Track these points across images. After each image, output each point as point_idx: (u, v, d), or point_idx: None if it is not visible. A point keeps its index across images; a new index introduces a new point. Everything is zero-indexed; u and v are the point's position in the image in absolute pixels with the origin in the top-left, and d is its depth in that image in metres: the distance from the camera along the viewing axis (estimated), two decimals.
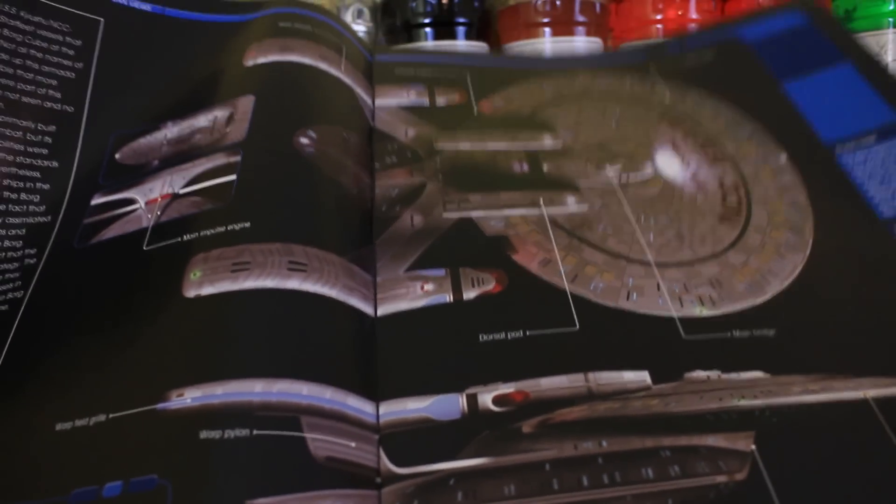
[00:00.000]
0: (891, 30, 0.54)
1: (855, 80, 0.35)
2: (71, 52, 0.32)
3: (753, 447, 0.21)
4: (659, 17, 0.56)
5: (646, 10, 0.57)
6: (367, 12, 0.53)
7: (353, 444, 0.21)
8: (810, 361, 0.24)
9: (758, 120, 0.35)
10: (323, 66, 0.34)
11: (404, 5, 0.52)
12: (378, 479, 0.21)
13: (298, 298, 0.24)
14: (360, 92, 0.36)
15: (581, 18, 0.52)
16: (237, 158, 0.29)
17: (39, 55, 0.31)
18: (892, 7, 0.54)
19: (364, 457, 0.21)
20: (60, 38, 0.32)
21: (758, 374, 0.24)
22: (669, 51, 0.41)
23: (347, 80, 0.35)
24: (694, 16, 0.56)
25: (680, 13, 0.56)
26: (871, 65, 0.35)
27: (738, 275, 0.27)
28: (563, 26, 0.52)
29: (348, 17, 0.53)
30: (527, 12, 0.53)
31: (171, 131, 0.32)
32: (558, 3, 0.52)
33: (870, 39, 0.54)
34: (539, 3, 0.52)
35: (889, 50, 0.54)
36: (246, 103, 0.32)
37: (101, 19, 0.33)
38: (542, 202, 0.30)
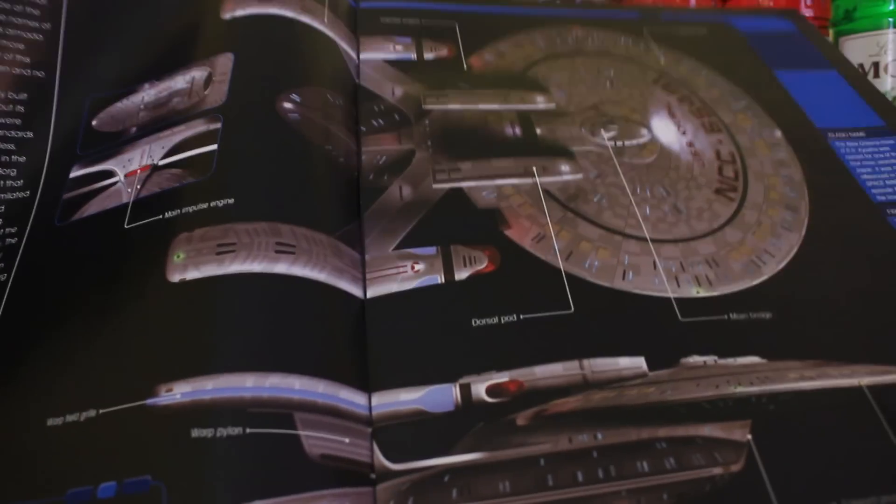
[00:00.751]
0: (891, 30, 0.53)
1: (843, 86, 0.37)
2: (36, 13, 0.30)
3: (749, 437, 0.21)
4: None
5: None
6: None
7: (346, 440, 0.21)
8: (806, 347, 0.24)
9: (751, 94, 0.36)
10: (305, 18, 0.33)
11: None
12: (372, 476, 0.21)
13: (287, 284, 0.24)
14: (345, 46, 0.34)
15: None
16: (217, 126, 0.28)
17: (2, 17, 0.29)
18: (892, 7, 0.53)
19: (358, 452, 0.21)
20: None
21: (754, 359, 0.23)
22: (663, 17, 0.41)
23: (331, 33, 0.34)
24: None
25: None
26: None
27: (735, 254, 0.27)
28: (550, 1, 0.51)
29: None
30: None
31: (147, 94, 0.31)
32: (558, 2, 0.50)
33: (870, 39, 0.53)
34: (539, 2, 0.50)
35: (889, 50, 0.53)
36: (225, 62, 0.30)
37: None
38: (535, 171, 0.29)
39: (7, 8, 0.29)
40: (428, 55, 0.35)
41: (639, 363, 0.23)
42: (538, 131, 0.31)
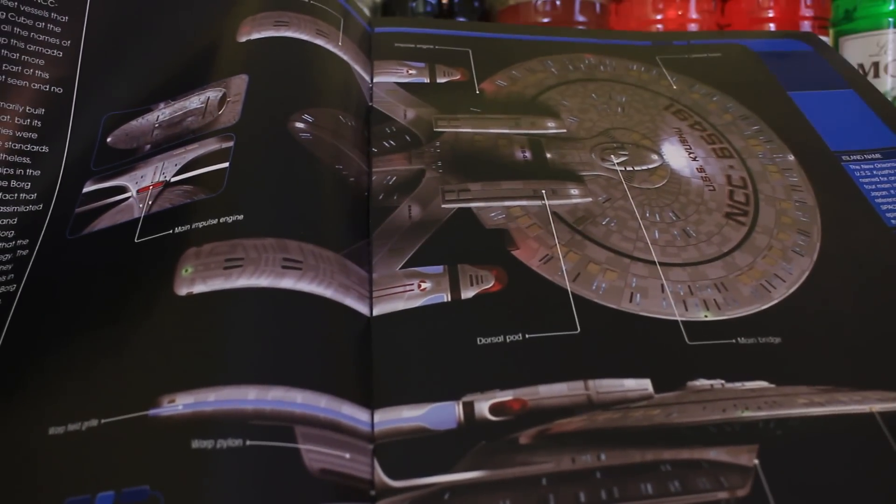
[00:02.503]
0: (891, 30, 0.54)
1: (859, 104, 0.36)
2: (57, 30, 0.31)
3: (756, 461, 0.21)
4: (659, 17, 0.56)
5: (646, 10, 0.56)
6: (367, 12, 0.52)
7: (347, 456, 0.21)
8: (816, 372, 0.23)
9: (765, 118, 0.35)
10: (319, 42, 0.33)
11: (404, 5, 0.52)
12: (372, 492, 0.21)
13: (293, 299, 0.24)
14: (358, 69, 0.34)
15: (581, 18, 0.52)
16: (230, 144, 0.28)
17: (24, 33, 0.30)
18: (892, 7, 0.54)
19: (359, 469, 0.21)
20: (46, 14, 0.31)
21: (762, 383, 0.23)
22: (675, 44, 0.41)
23: (345, 56, 0.34)
24: (694, 16, 0.56)
25: (680, 13, 0.56)
26: (873, 94, 0.37)
27: (745, 278, 0.27)
28: (563, 26, 0.52)
29: None
30: (527, 12, 0.52)
31: (163, 113, 0.31)
32: (558, 2, 0.51)
33: (870, 39, 0.54)
34: (539, 2, 0.51)
35: (889, 50, 0.54)
36: (239, 83, 0.30)
37: None
38: (544, 194, 0.29)
39: (30, 24, 0.30)
40: (441, 79, 0.35)
41: (644, 385, 0.23)
42: (548, 156, 0.31)
